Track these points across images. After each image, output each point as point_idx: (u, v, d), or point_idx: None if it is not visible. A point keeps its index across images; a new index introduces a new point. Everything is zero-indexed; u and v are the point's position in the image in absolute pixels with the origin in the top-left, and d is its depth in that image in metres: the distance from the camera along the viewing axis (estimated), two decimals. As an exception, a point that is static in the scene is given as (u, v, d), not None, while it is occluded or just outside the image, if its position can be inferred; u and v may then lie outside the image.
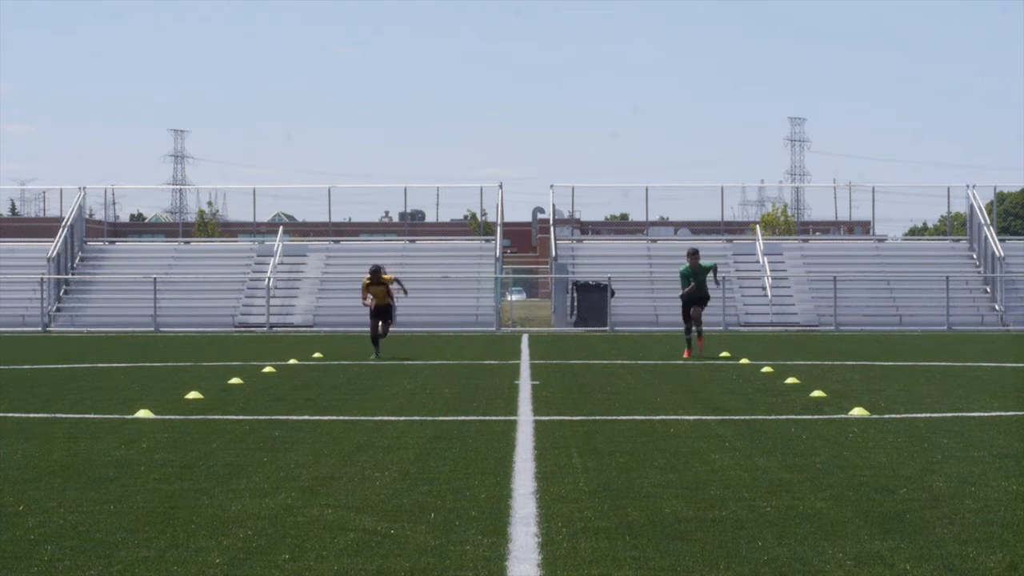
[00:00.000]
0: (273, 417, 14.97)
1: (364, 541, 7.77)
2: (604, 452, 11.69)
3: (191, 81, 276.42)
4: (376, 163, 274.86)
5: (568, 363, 25.48)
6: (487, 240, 53.61)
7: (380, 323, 27.91)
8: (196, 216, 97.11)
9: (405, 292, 30.52)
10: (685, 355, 27.04)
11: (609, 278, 46.83)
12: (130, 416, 14.98)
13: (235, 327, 46.78)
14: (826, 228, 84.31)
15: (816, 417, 14.73)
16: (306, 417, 15.00)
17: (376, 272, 28.24)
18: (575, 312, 46.64)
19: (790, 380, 19.61)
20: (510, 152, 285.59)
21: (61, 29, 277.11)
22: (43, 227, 64.21)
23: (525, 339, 36.97)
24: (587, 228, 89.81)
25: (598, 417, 14.83)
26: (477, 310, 47.96)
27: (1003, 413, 15.14)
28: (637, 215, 70.61)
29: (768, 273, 49.08)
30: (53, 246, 49.60)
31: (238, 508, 8.90)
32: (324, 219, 56.01)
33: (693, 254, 28.15)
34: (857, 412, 14.94)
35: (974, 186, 51.88)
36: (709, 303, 28.94)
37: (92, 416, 15.08)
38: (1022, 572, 7.00)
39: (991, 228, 49.97)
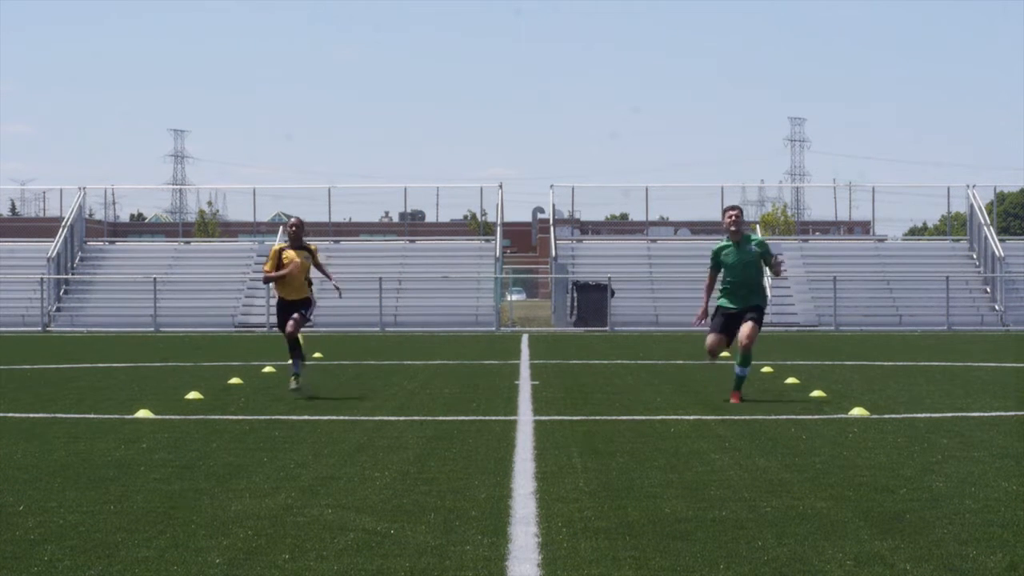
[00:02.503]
0: (273, 417, 14.97)
1: (364, 541, 7.76)
2: (604, 452, 11.68)
3: (191, 81, 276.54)
4: (376, 163, 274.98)
5: (568, 363, 25.47)
6: (487, 240, 53.61)
7: (292, 319, 18.04)
8: (196, 216, 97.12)
9: (338, 291, 19.88)
10: (733, 399, 16.33)
11: (609, 278, 46.83)
12: (130, 416, 14.98)
13: (235, 327, 46.77)
14: (826, 228, 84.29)
15: (816, 417, 14.72)
16: (306, 417, 14.99)
17: (299, 230, 17.98)
18: (575, 312, 46.64)
19: (790, 380, 19.60)
20: (510, 152, 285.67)
21: (61, 29, 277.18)
22: (43, 227, 64.18)
23: (525, 339, 36.96)
24: (587, 228, 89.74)
25: (598, 417, 14.83)
26: (477, 310, 47.95)
27: (1003, 413, 15.14)
28: (637, 215, 70.54)
29: (768, 273, 49.07)
30: (53, 246, 49.60)
31: (238, 508, 8.90)
32: (324, 219, 56.03)
33: (733, 212, 16.66)
34: (857, 412, 14.94)
35: (974, 186, 51.91)
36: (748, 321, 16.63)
37: (92, 416, 15.08)
38: (1022, 572, 7.00)
39: (991, 228, 49.97)
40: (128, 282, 49.43)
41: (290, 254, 17.90)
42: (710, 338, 16.74)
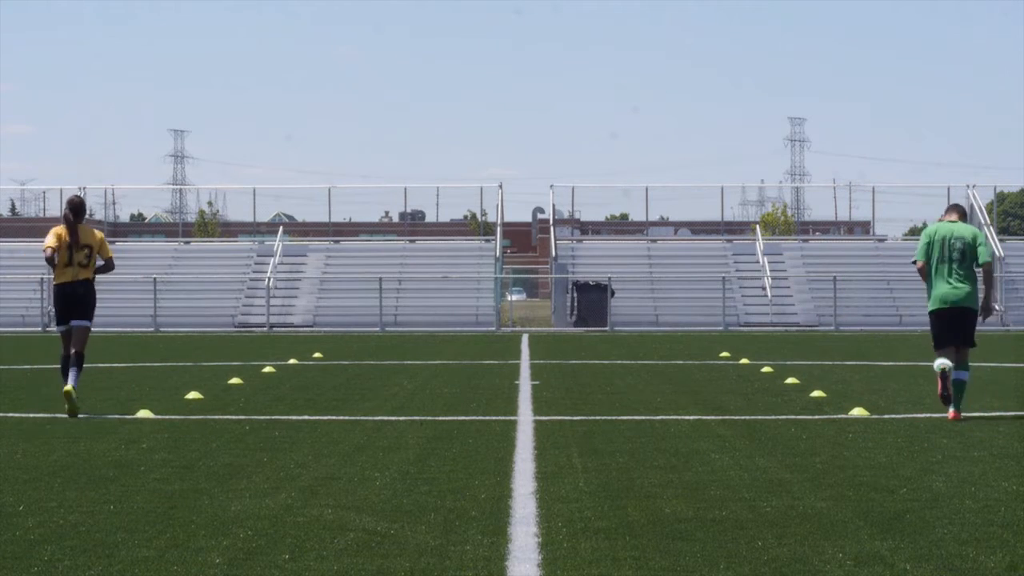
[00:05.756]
0: (273, 417, 14.97)
1: (364, 541, 7.77)
2: (604, 452, 11.69)
3: (191, 81, 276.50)
4: (376, 163, 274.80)
5: (568, 363, 25.47)
6: (487, 240, 53.61)
7: (73, 328, 15.32)
8: (196, 216, 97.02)
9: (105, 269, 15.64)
10: (950, 416, 14.08)
11: (609, 278, 46.83)
12: (130, 416, 14.98)
13: (235, 327, 46.77)
14: (826, 228, 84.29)
15: (816, 417, 14.72)
16: (306, 417, 15.00)
17: (80, 208, 15.48)
18: (575, 312, 46.64)
19: (790, 380, 19.60)
20: (510, 152, 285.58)
21: (61, 29, 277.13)
22: (43, 227, 64.13)
23: (525, 339, 36.96)
24: (587, 228, 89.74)
25: (598, 417, 14.83)
26: (477, 310, 47.95)
27: (1003, 413, 15.14)
28: (637, 215, 70.54)
29: (768, 273, 49.07)
30: (53, 246, 49.58)
31: (238, 508, 8.91)
32: (324, 219, 56.06)
33: (953, 207, 14.69)
34: (857, 412, 14.94)
35: (974, 186, 51.90)
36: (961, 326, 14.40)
37: (92, 416, 15.07)
38: (1022, 572, 7.00)
39: (991, 228, 49.99)
40: (128, 282, 49.42)
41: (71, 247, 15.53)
42: None
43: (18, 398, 17.67)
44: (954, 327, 14.28)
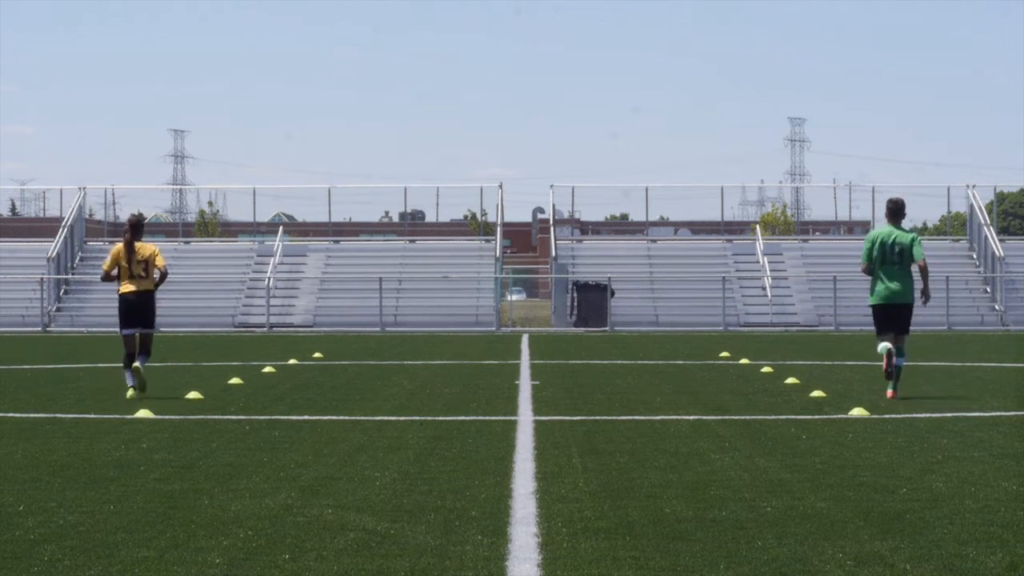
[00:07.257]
0: (273, 417, 14.98)
1: (364, 541, 7.77)
2: (604, 452, 11.69)
3: (191, 81, 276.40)
4: (376, 163, 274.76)
5: (568, 363, 25.48)
6: (487, 240, 53.62)
7: (138, 333, 17.36)
8: (196, 216, 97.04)
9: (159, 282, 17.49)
10: (888, 395, 16.76)
11: (609, 278, 46.83)
12: (130, 416, 14.98)
13: (235, 327, 46.78)
14: (826, 228, 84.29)
15: (816, 417, 14.73)
16: (306, 417, 15.00)
17: (138, 227, 17.56)
18: (575, 312, 46.64)
19: (790, 380, 19.59)
20: (510, 152, 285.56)
21: (61, 29, 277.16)
22: (43, 227, 64.18)
23: (525, 339, 36.96)
24: (587, 228, 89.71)
25: (598, 417, 14.83)
26: (477, 310, 47.95)
27: (1003, 413, 15.14)
28: (637, 215, 70.52)
29: (768, 273, 49.08)
30: (53, 246, 49.59)
31: (238, 508, 8.91)
32: (324, 219, 56.04)
33: (893, 208, 16.90)
34: (857, 412, 14.94)
35: (974, 186, 51.87)
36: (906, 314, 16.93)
37: (92, 416, 15.08)
38: (1022, 572, 7.00)
39: (991, 228, 49.96)
40: (128, 282, 49.43)
41: (133, 262, 17.56)
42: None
43: (18, 398, 17.68)
44: (896, 319, 16.80)
